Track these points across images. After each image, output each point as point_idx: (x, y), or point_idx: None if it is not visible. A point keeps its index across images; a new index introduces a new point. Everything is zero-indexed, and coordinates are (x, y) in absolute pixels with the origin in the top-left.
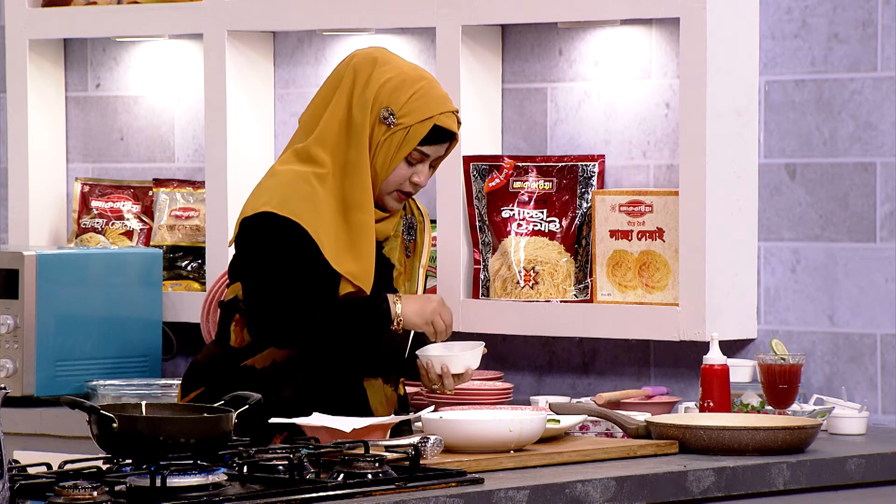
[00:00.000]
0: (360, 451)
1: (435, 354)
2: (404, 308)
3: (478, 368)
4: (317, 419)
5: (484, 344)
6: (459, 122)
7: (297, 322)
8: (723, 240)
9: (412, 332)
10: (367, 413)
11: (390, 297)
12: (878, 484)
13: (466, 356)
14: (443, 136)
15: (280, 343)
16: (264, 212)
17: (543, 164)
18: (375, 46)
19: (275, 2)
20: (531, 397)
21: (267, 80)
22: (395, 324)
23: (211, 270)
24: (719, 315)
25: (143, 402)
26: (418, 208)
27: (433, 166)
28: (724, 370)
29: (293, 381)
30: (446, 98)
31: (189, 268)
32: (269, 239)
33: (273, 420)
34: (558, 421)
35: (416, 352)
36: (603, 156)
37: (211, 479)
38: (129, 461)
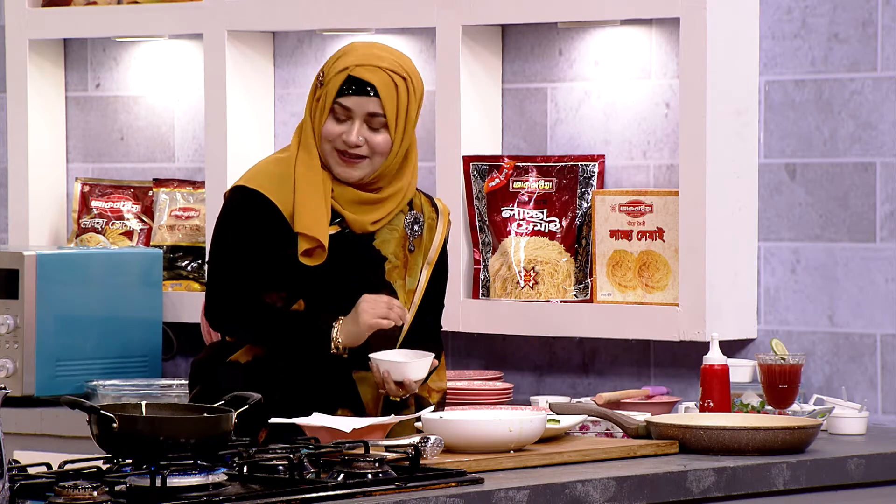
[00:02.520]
0: (360, 451)
1: (380, 359)
2: (343, 329)
3: (478, 368)
4: (317, 419)
5: (433, 356)
6: (402, 80)
7: (241, 321)
8: (723, 240)
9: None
10: (359, 405)
11: (333, 324)
12: (878, 484)
13: (408, 366)
14: (361, 89)
15: (223, 332)
16: (233, 186)
17: (543, 164)
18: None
19: (275, 2)
20: (531, 397)
21: (267, 80)
22: (333, 346)
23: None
24: (719, 315)
25: (143, 402)
26: (433, 207)
27: (376, 129)
28: (724, 370)
29: (279, 378)
30: (378, 56)
31: (189, 268)
32: (233, 211)
33: (273, 420)
34: (558, 421)
35: (370, 354)
36: (603, 156)
37: (211, 479)
38: (129, 461)
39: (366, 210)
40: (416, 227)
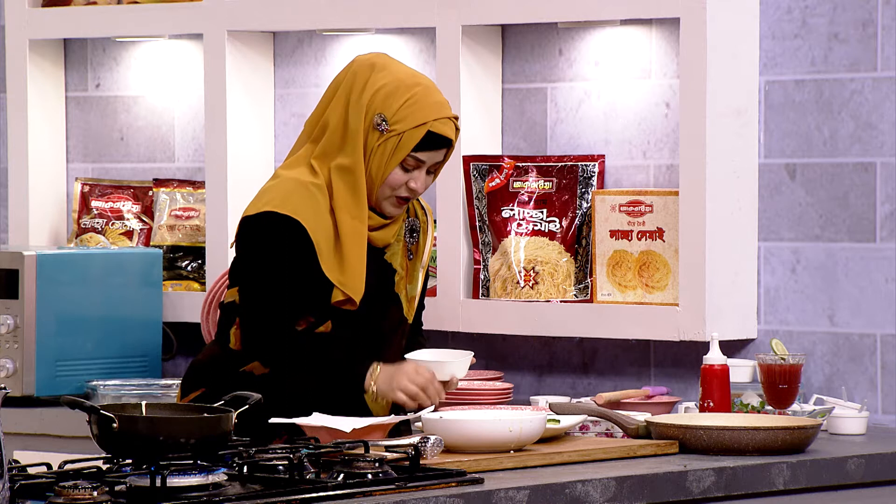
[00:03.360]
0: (360, 451)
1: (422, 360)
2: (378, 381)
3: (478, 368)
4: (317, 419)
5: (473, 354)
6: (458, 129)
7: (280, 353)
8: (723, 240)
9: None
10: (365, 411)
11: (368, 374)
12: (878, 484)
13: (452, 364)
14: (438, 143)
15: (262, 362)
16: (265, 211)
17: (543, 164)
18: (376, 52)
19: (275, 2)
20: (531, 397)
21: (267, 80)
22: (367, 392)
23: (211, 270)
24: (719, 315)
25: (143, 402)
26: (422, 208)
27: (432, 172)
28: (724, 370)
29: (292, 392)
30: (443, 104)
31: (189, 268)
32: (267, 237)
33: (273, 420)
34: (558, 421)
35: (406, 355)
36: (603, 156)
37: (211, 479)
38: (129, 461)
39: (387, 228)
40: (414, 234)
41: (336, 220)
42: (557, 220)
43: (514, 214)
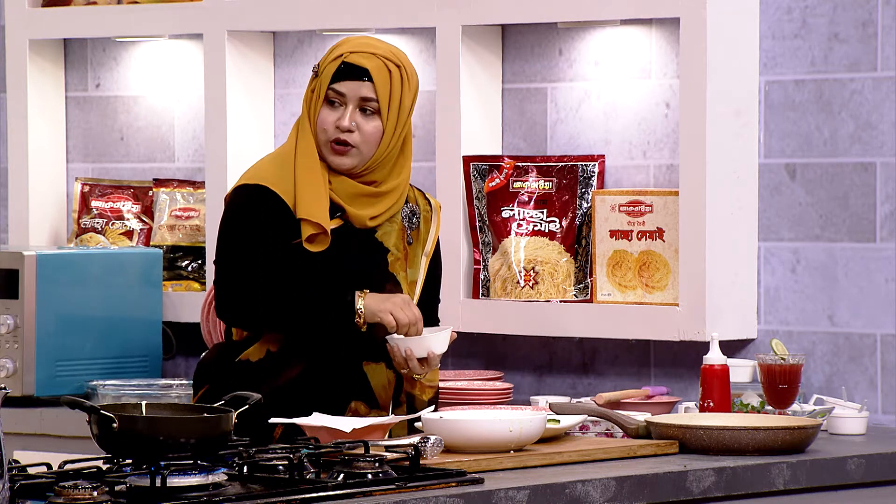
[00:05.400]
0: (360, 451)
1: (400, 338)
2: (366, 301)
3: (478, 368)
4: (317, 419)
5: (451, 328)
6: (396, 69)
7: (259, 306)
8: (723, 240)
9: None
10: (371, 396)
11: (356, 293)
12: (878, 484)
13: (429, 339)
14: (354, 73)
15: (241, 325)
16: (236, 186)
17: (543, 164)
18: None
19: (275, 2)
20: (531, 397)
21: (267, 80)
22: (357, 316)
23: (211, 270)
24: (719, 315)
25: (143, 402)
26: (426, 200)
27: (369, 112)
28: (724, 370)
29: (290, 370)
30: (369, 43)
31: (189, 268)
32: (236, 207)
33: (273, 420)
34: (558, 421)
35: (385, 336)
36: (603, 156)
37: (211, 479)
38: (129, 461)
39: (365, 204)
40: (413, 220)
41: (298, 169)
42: (557, 220)
43: (514, 214)
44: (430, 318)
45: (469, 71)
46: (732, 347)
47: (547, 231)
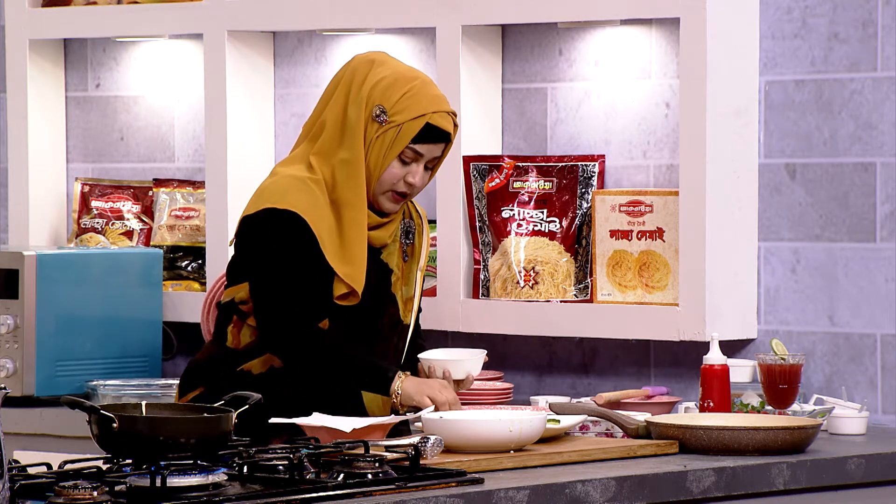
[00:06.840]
0: (360, 451)
1: (436, 359)
2: (405, 385)
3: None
4: (317, 419)
5: (486, 352)
6: (456, 126)
7: (304, 349)
8: (723, 240)
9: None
10: (363, 414)
11: (398, 374)
12: (878, 484)
13: (468, 362)
14: (436, 136)
15: (291, 363)
16: (265, 208)
17: (543, 164)
18: (375, 51)
19: (275, 2)
20: (531, 397)
21: (267, 80)
22: (393, 395)
23: (211, 270)
24: (719, 315)
25: (143, 402)
26: (416, 211)
27: (430, 168)
28: (724, 370)
29: (291, 388)
30: (441, 98)
31: (189, 268)
32: (270, 233)
33: (273, 420)
34: (558, 421)
35: (419, 355)
36: (603, 156)
37: (211, 479)
38: (129, 461)
39: (384, 224)
40: (409, 236)
41: (337, 212)
42: (557, 220)
43: (514, 214)
44: (418, 323)
45: (469, 71)
46: (732, 347)
47: (547, 231)
